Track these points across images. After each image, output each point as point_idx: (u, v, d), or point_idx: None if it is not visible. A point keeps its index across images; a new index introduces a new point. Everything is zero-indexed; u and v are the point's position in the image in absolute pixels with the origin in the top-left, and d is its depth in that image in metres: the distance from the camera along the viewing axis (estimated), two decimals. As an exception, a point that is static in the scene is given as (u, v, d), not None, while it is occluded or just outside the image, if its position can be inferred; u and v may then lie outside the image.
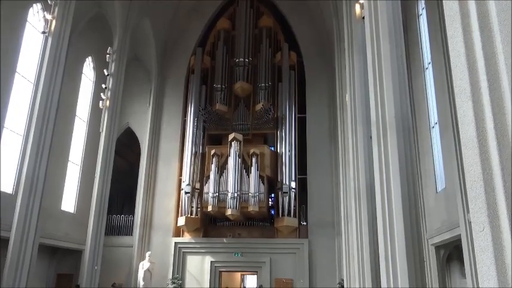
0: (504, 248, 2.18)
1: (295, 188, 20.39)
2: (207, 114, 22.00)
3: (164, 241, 21.02)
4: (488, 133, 2.39)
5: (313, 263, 20.05)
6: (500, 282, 2.16)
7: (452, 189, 10.45)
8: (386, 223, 6.94)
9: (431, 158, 13.66)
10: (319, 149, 21.68)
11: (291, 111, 21.75)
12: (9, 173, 14.77)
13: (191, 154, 21.28)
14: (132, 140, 22.80)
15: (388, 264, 6.77)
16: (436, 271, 13.22)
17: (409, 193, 6.89)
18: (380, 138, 7.45)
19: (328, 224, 20.33)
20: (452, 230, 11.10)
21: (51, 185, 15.60)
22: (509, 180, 2.24)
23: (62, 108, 16.29)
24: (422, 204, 13.41)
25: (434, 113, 13.58)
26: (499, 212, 2.25)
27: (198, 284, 20.32)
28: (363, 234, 10.39)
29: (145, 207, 21.43)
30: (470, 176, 2.40)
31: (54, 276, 19.12)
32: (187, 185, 20.62)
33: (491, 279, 2.19)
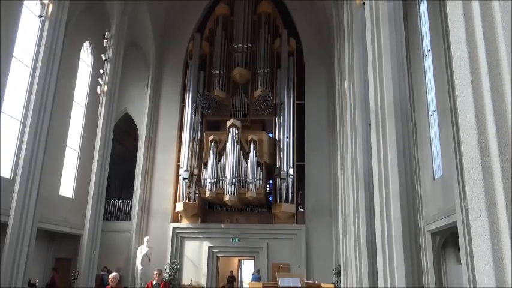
0: (501, 233, 2.20)
1: (293, 174, 20.45)
2: (205, 101, 21.93)
3: (162, 226, 21.13)
4: (487, 120, 2.39)
5: (310, 249, 20.22)
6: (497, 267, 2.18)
7: (450, 177, 10.50)
8: (384, 209, 6.98)
9: (429, 146, 13.69)
10: (317, 135, 21.70)
11: (289, 98, 21.70)
12: (7, 158, 14.75)
13: (189, 140, 21.27)
14: (130, 125, 22.76)
15: (385, 250, 6.83)
16: (432, 257, 13.36)
17: (406, 180, 6.92)
18: (378, 125, 7.46)
19: (325, 210, 20.45)
20: (448, 217, 11.18)
21: (49, 170, 15.59)
22: (507, 166, 2.25)
23: (60, 93, 16.21)
24: (419, 191, 13.49)
25: (433, 100, 13.57)
26: (497, 198, 2.26)
27: (195, 269, 20.50)
28: (360, 221, 10.46)
29: (144, 193, 21.50)
30: (468, 162, 2.41)
31: (53, 261, 19.24)
32: (185, 170, 20.66)
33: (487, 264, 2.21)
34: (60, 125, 17.70)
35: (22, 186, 13.23)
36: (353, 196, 11.37)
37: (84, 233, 17.41)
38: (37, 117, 13.88)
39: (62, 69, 15.96)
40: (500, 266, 2.18)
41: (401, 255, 6.58)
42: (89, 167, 18.37)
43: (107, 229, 19.89)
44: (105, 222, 19.69)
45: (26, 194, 13.31)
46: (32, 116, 13.77)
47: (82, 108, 20.17)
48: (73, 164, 19.30)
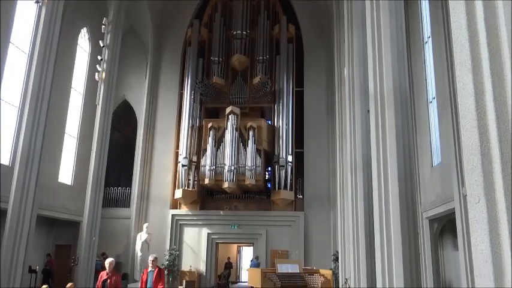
0: (499, 219, 2.21)
1: (291, 161, 20.48)
2: (204, 87, 21.85)
3: (161, 213, 21.22)
4: (487, 106, 2.38)
5: (308, 236, 20.35)
6: (494, 253, 2.19)
7: (448, 164, 10.52)
8: (382, 196, 7.00)
9: (428, 133, 13.70)
10: (316, 122, 21.68)
11: (288, 85, 21.62)
12: (6, 145, 14.73)
13: (188, 127, 21.25)
14: (129, 113, 22.70)
15: (383, 237, 6.87)
16: (430, 244, 13.47)
17: (405, 167, 6.94)
18: (378, 112, 7.44)
19: (324, 197, 20.54)
20: (446, 204, 11.24)
21: (48, 157, 15.58)
22: (506, 152, 2.25)
23: (57, 79, 16.11)
24: (418, 178, 13.53)
25: (432, 87, 13.54)
26: (495, 184, 2.26)
27: (195, 255, 20.65)
28: (358, 207, 10.51)
29: (143, 180, 21.54)
30: (467, 148, 2.40)
31: (53, 247, 19.35)
32: (184, 158, 20.68)
33: (485, 250, 2.22)
34: (59, 112, 17.64)
35: (21, 173, 13.23)
36: (351, 183, 11.41)
37: (83, 220, 17.47)
38: (35, 104, 13.82)
39: (60, 56, 15.84)
40: (498, 252, 2.19)
41: (399, 242, 6.62)
42: (88, 154, 18.35)
43: (107, 216, 19.96)
44: (105, 209, 19.74)
45: (25, 180, 13.32)
46: (30, 103, 13.70)
47: (80, 95, 20.08)
48: (72, 151, 19.29)
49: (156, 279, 9.03)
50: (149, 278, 9.08)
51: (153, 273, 9.08)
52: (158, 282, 9.03)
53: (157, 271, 9.15)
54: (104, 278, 8.68)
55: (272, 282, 11.35)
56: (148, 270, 9.23)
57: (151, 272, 9.15)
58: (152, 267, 9.18)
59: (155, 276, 9.04)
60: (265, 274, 11.60)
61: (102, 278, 8.69)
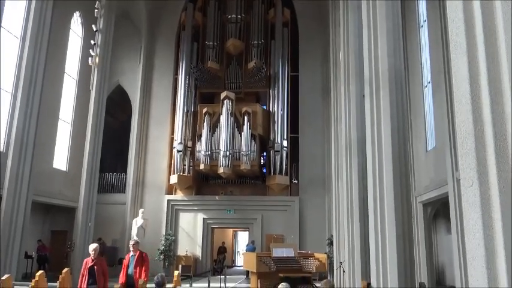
0: (492, 202, 2.22)
1: (287, 146, 20.51)
2: (198, 72, 21.71)
3: (157, 199, 21.26)
4: (481, 89, 2.37)
5: (303, 220, 20.50)
6: (486, 235, 2.20)
7: (442, 148, 10.56)
8: (376, 180, 7.03)
9: (423, 117, 13.72)
10: (311, 107, 21.64)
11: (283, 70, 21.51)
12: None
13: (183, 112, 21.16)
14: (123, 98, 22.53)
15: (377, 221, 6.92)
16: (423, 227, 13.59)
17: (399, 151, 6.95)
18: (373, 95, 7.43)
19: (319, 182, 20.62)
20: (440, 188, 11.32)
21: (42, 143, 15.49)
22: (500, 136, 2.24)
23: (50, 64, 15.91)
24: (412, 162, 13.59)
25: (427, 71, 13.52)
26: (489, 168, 2.27)
27: (190, 240, 20.77)
28: (353, 191, 10.56)
29: (138, 166, 21.51)
30: (461, 132, 2.40)
31: (49, 233, 19.39)
32: (179, 143, 20.64)
33: (477, 233, 2.23)
34: (52, 97, 17.47)
35: (15, 159, 13.17)
36: (346, 166, 11.44)
37: (79, 206, 17.47)
38: (28, 90, 13.69)
39: (52, 41, 15.63)
40: (490, 235, 2.20)
41: (393, 225, 6.67)
42: (82, 139, 18.25)
43: (102, 201, 19.97)
44: (100, 195, 19.74)
45: (19, 167, 13.27)
46: (23, 89, 13.57)
47: (74, 81, 19.88)
48: (66, 137, 19.17)
49: (137, 263, 8.61)
50: (131, 263, 8.69)
51: (135, 257, 8.67)
52: (141, 267, 8.61)
53: (138, 255, 8.71)
54: (89, 264, 8.35)
55: (267, 266, 11.43)
56: (130, 255, 8.82)
57: (133, 256, 8.73)
58: (134, 251, 8.76)
59: (136, 260, 8.62)
60: (261, 258, 11.67)
61: (87, 265, 8.34)
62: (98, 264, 8.27)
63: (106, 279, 8.36)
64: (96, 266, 8.23)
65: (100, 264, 8.33)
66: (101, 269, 8.27)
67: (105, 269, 8.40)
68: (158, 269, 17.27)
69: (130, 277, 8.41)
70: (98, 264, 8.27)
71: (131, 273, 8.46)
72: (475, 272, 2.20)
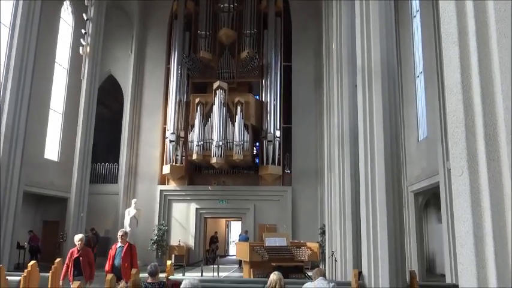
0: (481, 191, 2.24)
1: (279, 136, 20.53)
2: (191, 62, 21.58)
3: (150, 189, 21.24)
4: (472, 79, 2.38)
5: (296, 210, 20.60)
6: (475, 224, 2.23)
7: (434, 138, 10.64)
8: (368, 170, 7.08)
9: (415, 107, 13.80)
10: (304, 97, 21.64)
11: (276, 60, 21.46)
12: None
13: (175, 102, 21.07)
14: (115, 87, 22.37)
15: (369, 210, 6.98)
16: (414, 217, 13.74)
17: (391, 141, 6.99)
18: (365, 86, 7.44)
19: (311, 172, 20.70)
20: (431, 178, 11.43)
21: (33, 133, 15.37)
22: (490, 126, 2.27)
23: (40, 54, 15.71)
24: (404, 152, 13.69)
25: (420, 61, 13.56)
26: (478, 157, 2.29)
27: (183, 230, 20.81)
28: (345, 181, 10.62)
29: (130, 156, 21.43)
30: (452, 121, 2.42)
31: (41, 223, 19.32)
32: (172, 133, 20.58)
33: (467, 221, 2.26)
34: (43, 87, 17.29)
35: (6, 150, 13.05)
36: (339, 156, 11.49)
37: (71, 196, 17.42)
38: (18, 80, 13.53)
39: (42, 30, 15.41)
40: (479, 223, 2.23)
41: (385, 214, 6.73)
42: (74, 130, 18.14)
43: (94, 192, 19.91)
44: (92, 185, 19.68)
45: (10, 157, 13.15)
46: (13, 79, 13.41)
47: (65, 70, 19.68)
48: (57, 127, 19.03)
49: (125, 255, 8.07)
50: (118, 254, 8.12)
51: (123, 249, 8.13)
52: (128, 259, 8.07)
53: (127, 247, 8.17)
54: (75, 255, 8.02)
55: (260, 256, 11.51)
56: (117, 246, 8.25)
57: (120, 247, 8.18)
58: (122, 242, 8.21)
59: (125, 252, 8.08)
60: (253, 248, 11.76)
61: (73, 256, 8.02)
62: (83, 255, 8.04)
63: (92, 271, 8.14)
64: (81, 257, 8.00)
65: (86, 255, 8.11)
66: (87, 260, 8.06)
67: (91, 260, 8.18)
68: (151, 259, 17.32)
69: (117, 269, 7.94)
70: (83, 255, 8.04)
71: (118, 265, 8.01)
72: (464, 259, 2.24)
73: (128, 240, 8.46)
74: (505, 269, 2.11)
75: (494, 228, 2.16)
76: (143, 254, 18.93)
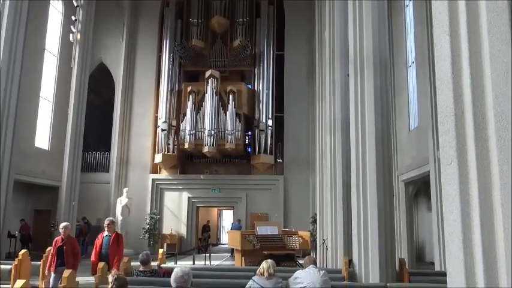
0: (469, 180, 2.27)
1: (271, 125, 20.54)
2: (183, 50, 21.43)
3: (142, 178, 21.20)
4: (463, 68, 2.40)
5: (288, 199, 20.71)
6: (464, 212, 2.27)
7: (425, 128, 10.72)
8: (359, 159, 7.12)
9: (407, 97, 13.86)
10: (296, 86, 21.62)
11: (269, 48, 21.38)
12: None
13: (167, 91, 20.95)
14: (106, 76, 22.16)
15: (360, 199, 7.04)
16: (405, 205, 13.88)
17: (382, 130, 7.03)
18: (357, 75, 7.45)
19: (303, 161, 20.78)
20: (421, 167, 11.53)
21: (23, 122, 15.21)
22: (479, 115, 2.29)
23: (30, 41, 15.49)
24: (395, 141, 13.77)
25: (412, 51, 13.59)
26: (467, 146, 2.32)
27: (176, 219, 20.85)
28: (337, 170, 10.68)
29: (122, 145, 21.34)
30: (442, 111, 2.43)
31: (32, 212, 19.24)
32: (163, 122, 20.49)
33: (455, 210, 2.30)
34: (32, 75, 17.08)
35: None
36: (330, 146, 11.54)
37: (62, 185, 17.34)
38: (7, 67, 13.34)
39: (31, 17, 15.15)
40: (467, 211, 2.26)
41: (375, 204, 6.80)
42: (65, 118, 17.99)
43: (86, 181, 19.85)
44: (84, 174, 19.61)
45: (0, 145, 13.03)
46: (2, 66, 13.21)
47: (55, 58, 19.44)
48: (48, 115, 18.85)
49: (112, 244, 7.66)
50: (104, 243, 7.71)
51: (110, 238, 7.73)
52: (115, 249, 7.67)
53: (114, 236, 7.76)
54: (58, 244, 7.67)
55: (251, 244, 11.60)
56: (104, 235, 7.85)
57: (107, 236, 7.78)
58: (109, 231, 7.82)
59: (112, 242, 7.67)
60: (245, 236, 11.83)
61: (56, 245, 7.69)
62: (68, 244, 7.70)
63: (76, 261, 7.82)
64: (65, 246, 7.65)
65: (70, 244, 7.78)
66: (71, 249, 7.73)
67: (75, 250, 7.88)
68: (143, 248, 17.33)
69: (103, 258, 7.49)
70: (68, 244, 7.70)
71: (105, 255, 7.58)
72: (452, 247, 2.28)
73: (116, 229, 8.14)
74: (491, 255, 2.15)
75: (481, 216, 2.19)
76: (135, 243, 18.99)
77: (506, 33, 2.29)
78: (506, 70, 2.25)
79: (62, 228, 7.77)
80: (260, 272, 5.40)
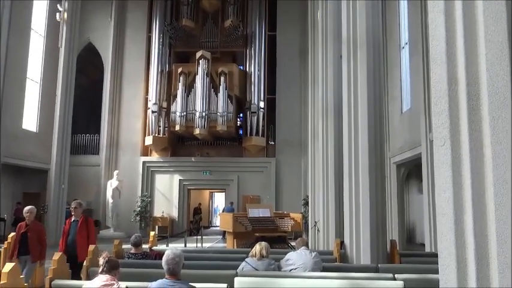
0: (462, 161, 2.28)
1: (263, 107, 20.49)
2: (173, 30, 21.15)
3: (132, 160, 21.12)
4: (457, 49, 2.38)
5: (279, 181, 20.80)
6: (455, 193, 2.28)
7: (417, 110, 10.75)
8: (352, 141, 7.14)
9: (399, 79, 13.85)
10: (288, 68, 21.51)
11: (261, 29, 21.18)
12: (-37, 90, 14.05)
13: (157, 72, 20.74)
14: (95, 56, 21.84)
15: (351, 181, 7.08)
16: (396, 187, 14.00)
17: (375, 112, 7.03)
18: (350, 56, 7.41)
19: (295, 143, 20.82)
20: (413, 149, 11.60)
21: (9, 104, 15.02)
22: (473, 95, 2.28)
23: (15, 20, 15.18)
24: (387, 123, 13.82)
25: (405, 32, 13.53)
26: (461, 127, 2.31)
27: (167, 201, 20.88)
28: (329, 152, 10.71)
29: (112, 127, 21.19)
30: (436, 91, 2.42)
31: (21, 195, 19.12)
32: (154, 104, 20.34)
33: (447, 190, 2.30)
34: (19, 55, 16.75)
35: (-19, 120, 12.76)
36: (322, 127, 11.55)
37: (51, 168, 17.24)
38: (-8, 46, 13.11)
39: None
40: (459, 193, 2.27)
41: (367, 185, 6.84)
42: (53, 99, 17.77)
43: (75, 163, 19.74)
44: (73, 156, 19.49)
45: (-14, 127, 12.89)
46: (-13, 45, 12.98)
47: (41, 38, 19.07)
48: (35, 96, 18.57)
49: (81, 230, 6.97)
50: (72, 230, 7.01)
51: (78, 223, 7.04)
52: (85, 235, 6.97)
53: (82, 220, 7.08)
54: (22, 230, 6.98)
55: (243, 226, 11.66)
56: (71, 220, 7.15)
57: (75, 222, 7.08)
58: (76, 215, 7.13)
59: (80, 227, 6.99)
60: (237, 218, 11.89)
61: (20, 230, 7.00)
62: (32, 230, 6.98)
63: (43, 249, 7.12)
64: (29, 232, 6.94)
65: (35, 230, 7.05)
66: (36, 236, 7.01)
67: (42, 237, 7.16)
68: (134, 230, 17.36)
69: (71, 247, 6.83)
70: (32, 230, 6.98)
71: (72, 242, 6.91)
72: (443, 228, 2.29)
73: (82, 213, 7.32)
74: (482, 236, 2.17)
75: (473, 197, 2.20)
76: (126, 226, 19.05)
77: (502, 12, 2.28)
78: (501, 49, 2.24)
79: (27, 212, 7.07)
80: (253, 254, 5.45)
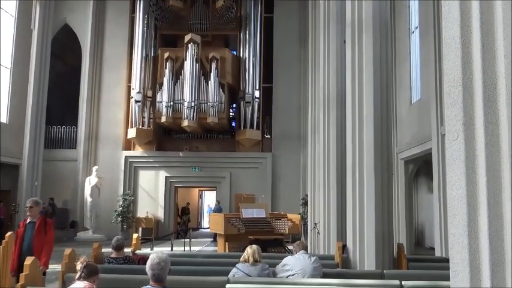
0: (477, 157, 2.27)
1: (259, 97, 20.45)
2: (159, 11, 21.04)
3: (113, 155, 21.05)
4: (473, 33, 2.37)
5: (276, 178, 20.82)
6: (469, 191, 2.28)
7: (427, 101, 10.77)
8: (356, 134, 7.14)
9: (408, 67, 13.87)
10: (287, 53, 21.46)
11: (256, 10, 21.10)
12: None
13: (141, 57, 20.62)
14: (72, 39, 21.68)
15: (355, 179, 7.08)
16: (404, 186, 14.05)
17: (381, 102, 7.03)
18: (354, 42, 7.39)
19: (294, 137, 20.82)
20: (423, 144, 11.64)
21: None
22: (489, 85, 2.28)
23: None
24: (395, 115, 13.84)
25: (415, 15, 13.53)
26: (475, 119, 2.31)
27: (152, 201, 20.85)
28: (331, 148, 10.73)
29: (91, 118, 21.09)
30: (449, 80, 2.42)
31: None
32: (137, 92, 20.23)
33: (460, 188, 2.30)
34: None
35: None
36: (324, 120, 11.55)
37: (23, 162, 17.17)
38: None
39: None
40: (473, 191, 2.27)
41: (372, 184, 6.84)
42: (25, 87, 17.67)
43: (50, 158, 19.65)
44: (48, 151, 19.41)
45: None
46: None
47: (12, 18, 18.91)
48: (5, 84, 18.44)
49: (38, 234, 6.43)
50: (27, 233, 6.48)
51: (34, 226, 6.48)
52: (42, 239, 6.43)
53: (40, 222, 6.51)
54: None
55: (236, 228, 11.66)
56: (26, 222, 6.60)
57: (31, 224, 6.53)
58: (32, 217, 6.57)
59: (37, 230, 6.44)
60: (229, 219, 11.88)
61: None
62: None
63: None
64: None
65: None
66: None
67: None
68: (115, 232, 17.34)
69: (26, 254, 5.86)
70: None
71: (28, 248, 6.35)
72: (455, 230, 2.29)
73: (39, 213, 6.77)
74: (498, 239, 2.17)
75: (489, 196, 2.20)
76: (106, 227, 19.02)
77: (522, -7, 2.27)
78: (520, 34, 2.23)
79: None
80: (244, 259, 5.45)
